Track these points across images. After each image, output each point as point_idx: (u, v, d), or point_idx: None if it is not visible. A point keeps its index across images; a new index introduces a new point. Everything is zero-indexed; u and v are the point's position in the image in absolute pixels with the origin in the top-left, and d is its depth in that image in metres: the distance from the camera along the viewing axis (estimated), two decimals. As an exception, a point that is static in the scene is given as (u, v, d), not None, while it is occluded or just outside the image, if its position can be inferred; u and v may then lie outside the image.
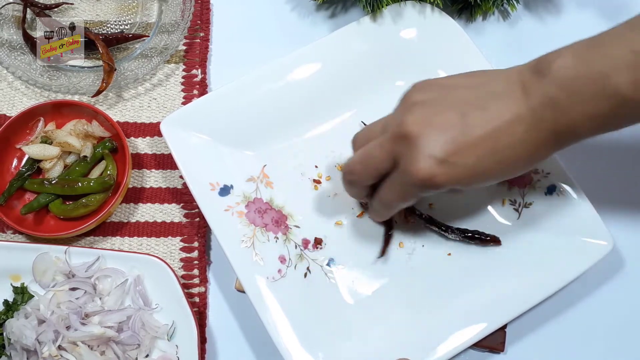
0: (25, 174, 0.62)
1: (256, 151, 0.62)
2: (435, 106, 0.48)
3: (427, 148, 0.46)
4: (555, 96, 0.44)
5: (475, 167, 0.46)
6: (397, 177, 0.49)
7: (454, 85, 0.49)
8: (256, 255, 0.58)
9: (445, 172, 0.46)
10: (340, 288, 0.59)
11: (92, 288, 0.58)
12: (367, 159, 0.51)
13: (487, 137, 0.45)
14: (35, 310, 0.56)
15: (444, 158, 0.46)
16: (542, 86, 0.45)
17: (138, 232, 0.63)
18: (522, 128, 0.45)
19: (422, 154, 0.46)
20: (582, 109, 0.44)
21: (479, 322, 0.56)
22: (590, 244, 0.57)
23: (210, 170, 0.60)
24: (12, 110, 0.67)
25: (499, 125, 0.45)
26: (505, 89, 0.47)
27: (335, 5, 0.72)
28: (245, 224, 0.59)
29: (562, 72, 0.44)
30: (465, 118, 0.46)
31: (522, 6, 0.72)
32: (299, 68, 0.63)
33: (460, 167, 0.46)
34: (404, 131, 0.47)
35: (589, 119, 0.44)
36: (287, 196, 0.62)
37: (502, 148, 0.46)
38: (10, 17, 0.69)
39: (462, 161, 0.46)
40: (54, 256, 0.59)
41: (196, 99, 0.63)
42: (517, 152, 0.46)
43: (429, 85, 0.50)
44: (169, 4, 0.70)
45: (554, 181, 0.60)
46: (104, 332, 0.55)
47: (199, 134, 0.61)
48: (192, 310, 0.57)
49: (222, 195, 0.59)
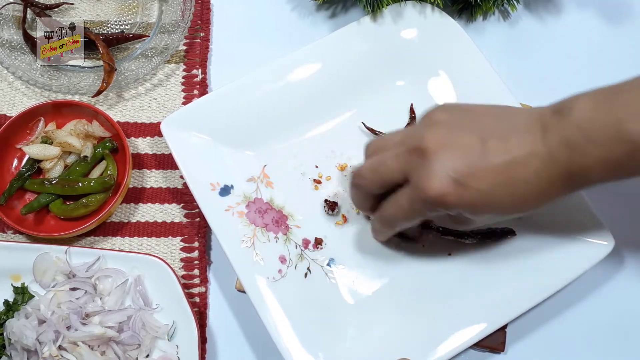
0: (25, 174, 0.62)
1: (256, 151, 0.62)
2: (457, 128, 0.48)
3: (443, 166, 0.46)
4: (572, 137, 0.45)
5: (488, 194, 0.46)
6: (406, 192, 0.49)
7: (478, 112, 0.50)
8: (256, 255, 0.58)
9: (457, 193, 0.46)
10: (341, 288, 0.59)
11: (93, 288, 0.58)
12: (379, 166, 0.51)
13: (504, 166, 0.46)
14: (35, 310, 0.56)
15: (458, 179, 0.46)
16: (561, 127, 0.46)
17: (138, 232, 0.63)
18: (538, 164, 0.46)
19: (436, 170, 0.46)
20: (596, 152, 0.44)
21: (479, 323, 0.56)
22: (591, 244, 0.57)
23: (210, 170, 0.60)
24: (12, 110, 0.67)
25: (517, 157, 0.46)
26: (527, 125, 0.47)
27: (336, 5, 0.72)
28: (246, 224, 0.59)
29: (581, 115, 0.45)
30: (485, 144, 0.46)
31: (522, 6, 0.72)
32: (299, 68, 0.63)
33: (473, 191, 0.46)
34: (422, 146, 0.47)
35: (602, 163, 0.45)
36: (287, 196, 0.62)
37: (517, 180, 0.46)
38: (10, 17, 0.69)
39: (475, 185, 0.46)
40: (55, 256, 0.59)
41: (196, 99, 0.64)
42: (530, 187, 0.46)
43: (453, 107, 0.51)
44: (169, 4, 0.70)
45: None
46: (104, 332, 0.55)
47: (200, 134, 0.61)
48: (193, 310, 0.57)
49: (223, 195, 0.59)
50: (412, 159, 0.48)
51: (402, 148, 0.49)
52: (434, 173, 0.46)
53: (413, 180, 0.48)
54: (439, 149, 0.47)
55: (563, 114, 0.46)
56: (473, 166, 0.46)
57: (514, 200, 0.47)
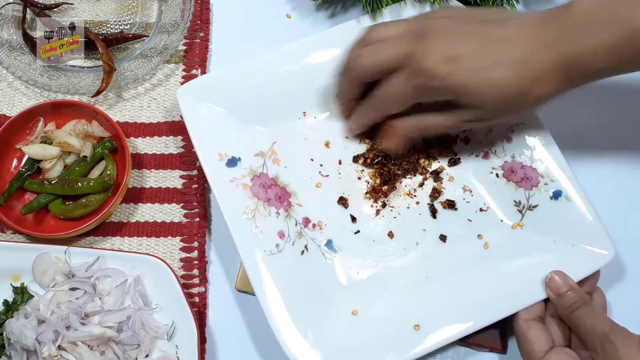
0: (25, 174, 0.62)
1: (268, 127, 0.63)
2: (459, 19, 0.52)
3: (442, 46, 0.50)
4: (571, 24, 0.48)
5: (481, 74, 0.49)
6: (401, 74, 0.52)
7: (481, 11, 0.56)
8: (256, 228, 0.58)
9: (451, 71, 0.49)
10: (336, 269, 0.59)
11: (92, 288, 0.58)
12: (380, 49, 0.53)
13: (499, 43, 0.49)
14: (35, 310, 0.56)
15: (454, 56, 0.49)
16: (561, 17, 0.49)
17: (138, 232, 0.63)
18: (534, 44, 0.49)
19: (435, 49, 0.50)
20: (595, 36, 0.47)
21: (469, 319, 0.55)
22: (591, 252, 0.57)
23: (220, 141, 0.60)
24: (11, 110, 0.67)
25: (513, 36, 0.49)
26: (527, 17, 0.51)
27: (335, 5, 0.72)
28: (249, 197, 0.59)
29: (581, 7, 0.48)
30: (484, 27, 0.51)
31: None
32: (317, 52, 0.63)
33: (467, 71, 0.49)
34: (426, 31, 0.51)
35: (601, 47, 0.47)
36: (293, 174, 0.62)
37: (512, 59, 0.49)
38: (10, 17, 0.69)
39: (470, 63, 0.49)
40: (54, 256, 0.59)
41: (214, 71, 0.64)
42: (526, 68, 0.49)
43: (456, 7, 0.59)
44: (169, 4, 0.70)
45: (561, 187, 0.60)
46: (103, 332, 0.55)
47: (214, 105, 0.61)
48: (192, 310, 0.57)
49: (230, 166, 0.60)
50: (413, 42, 0.51)
51: (405, 35, 0.52)
52: (432, 50, 0.50)
53: (411, 60, 0.51)
54: (440, 34, 0.51)
55: (563, 8, 0.49)
56: (470, 47, 0.50)
57: (508, 81, 0.49)
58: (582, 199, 0.59)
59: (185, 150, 0.66)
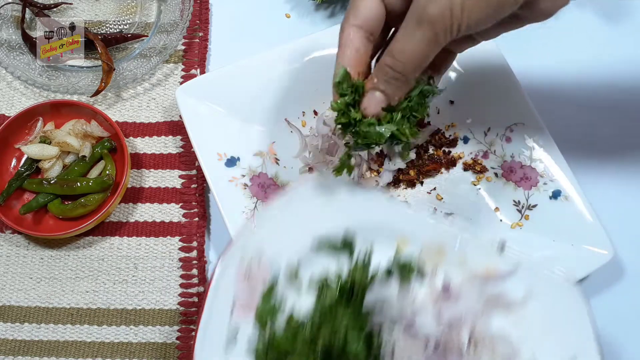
0: (24, 174, 0.62)
1: (267, 127, 0.63)
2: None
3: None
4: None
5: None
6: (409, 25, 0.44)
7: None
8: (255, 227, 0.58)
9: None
10: None
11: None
12: None
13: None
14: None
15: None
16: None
17: (137, 232, 0.63)
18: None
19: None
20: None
21: None
22: (590, 252, 0.57)
23: (219, 140, 0.60)
24: (11, 110, 0.67)
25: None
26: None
27: (334, 5, 0.72)
28: (248, 196, 0.59)
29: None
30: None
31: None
32: (316, 51, 0.63)
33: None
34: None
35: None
36: (292, 174, 0.62)
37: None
38: (9, 17, 0.69)
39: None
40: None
41: (213, 71, 0.64)
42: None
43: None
44: (168, 4, 0.70)
45: (560, 186, 0.60)
46: None
47: (213, 104, 0.61)
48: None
49: (229, 166, 0.60)
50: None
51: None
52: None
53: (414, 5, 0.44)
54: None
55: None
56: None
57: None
58: (581, 199, 0.59)
59: (184, 150, 0.66)
